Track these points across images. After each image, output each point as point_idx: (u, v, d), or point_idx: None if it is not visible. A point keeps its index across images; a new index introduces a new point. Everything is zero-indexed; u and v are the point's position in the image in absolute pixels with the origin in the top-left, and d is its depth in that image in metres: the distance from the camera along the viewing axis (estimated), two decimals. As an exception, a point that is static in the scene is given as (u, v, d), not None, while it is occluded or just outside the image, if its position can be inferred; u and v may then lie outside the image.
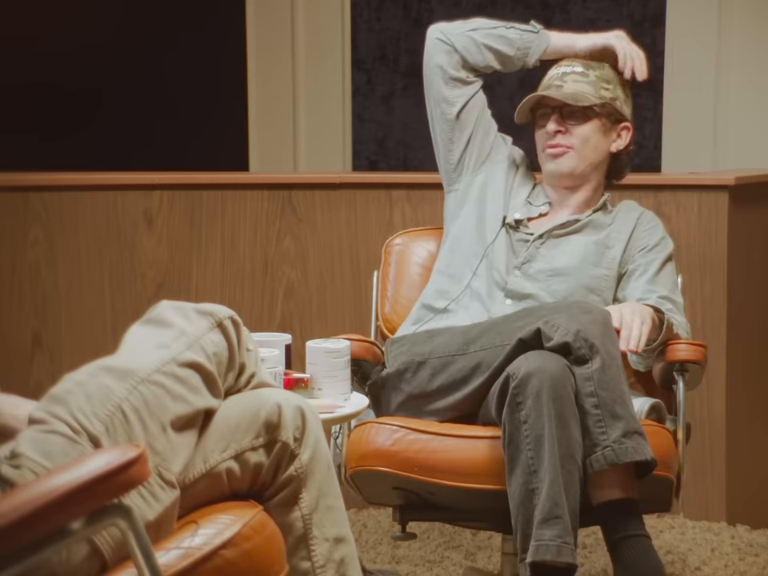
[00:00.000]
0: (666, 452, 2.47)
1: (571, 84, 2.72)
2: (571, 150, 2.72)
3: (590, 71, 2.73)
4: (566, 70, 2.75)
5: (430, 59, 2.82)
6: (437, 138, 2.85)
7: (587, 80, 2.73)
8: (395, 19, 4.95)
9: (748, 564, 3.14)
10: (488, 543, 3.28)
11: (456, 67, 2.79)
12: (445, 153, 2.84)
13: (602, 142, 2.75)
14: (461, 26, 2.81)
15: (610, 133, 2.75)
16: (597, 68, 2.74)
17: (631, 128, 2.77)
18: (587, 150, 2.73)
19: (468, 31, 2.80)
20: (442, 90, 2.80)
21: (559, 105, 2.71)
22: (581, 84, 2.72)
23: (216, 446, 1.86)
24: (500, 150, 2.85)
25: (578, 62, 2.75)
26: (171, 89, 5.03)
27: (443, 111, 2.81)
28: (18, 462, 1.64)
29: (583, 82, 2.72)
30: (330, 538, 1.91)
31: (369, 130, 5.02)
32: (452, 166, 2.84)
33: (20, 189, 3.61)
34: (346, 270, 3.63)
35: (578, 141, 2.72)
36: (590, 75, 2.73)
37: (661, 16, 4.59)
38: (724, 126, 4.49)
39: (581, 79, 2.72)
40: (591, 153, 2.74)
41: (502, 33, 2.80)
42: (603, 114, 2.73)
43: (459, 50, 2.78)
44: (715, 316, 3.46)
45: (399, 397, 2.57)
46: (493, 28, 2.80)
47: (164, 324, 1.85)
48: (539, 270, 2.71)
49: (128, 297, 3.61)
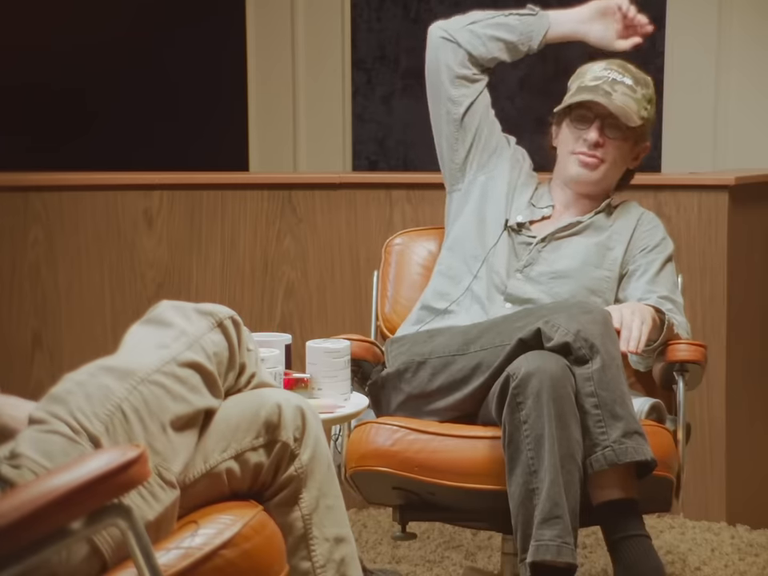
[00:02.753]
0: (666, 452, 2.47)
1: (620, 96, 2.67)
2: (604, 163, 2.72)
3: (638, 88, 2.70)
4: (616, 77, 2.70)
5: (437, 58, 2.80)
6: (441, 138, 2.84)
7: (634, 96, 2.69)
8: (395, 19, 4.95)
9: (748, 564, 3.14)
10: (488, 543, 3.28)
11: (462, 64, 2.77)
12: (450, 153, 2.83)
13: (627, 160, 2.76)
14: (460, 21, 2.80)
15: (633, 151, 2.76)
16: (644, 86, 2.72)
17: (648, 149, 2.78)
18: (616, 167, 2.74)
19: (468, 25, 2.78)
20: (447, 90, 2.79)
21: (605, 113, 2.68)
22: (629, 99, 2.68)
23: (216, 445, 1.86)
24: (503, 150, 2.84)
25: (627, 73, 2.71)
26: (171, 89, 5.03)
27: (449, 111, 2.80)
28: (17, 461, 1.64)
29: (631, 97, 2.68)
30: (330, 538, 1.91)
31: (369, 130, 5.02)
32: (457, 166, 2.83)
33: (20, 189, 3.61)
34: (346, 270, 3.63)
35: (612, 157, 2.71)
36: (637, 92, 2.70)
37: (661, 16, 4.59)
38: (724, 125, 4.49)
39: (629, 93, 2.68)
40: (618, 170, 2.76)
41: (501, 21, 2.78)
42: (638, 134, 2.72)
43: (463, 45, 2.77)
44: (715, 316, 3.46)
45: (399, 397, 2.57)
46: (492, 17, 2.79)
47: (164, 324, 1.85)
48: (541, 273, 2.71)
49: (128, 297, 3.61)
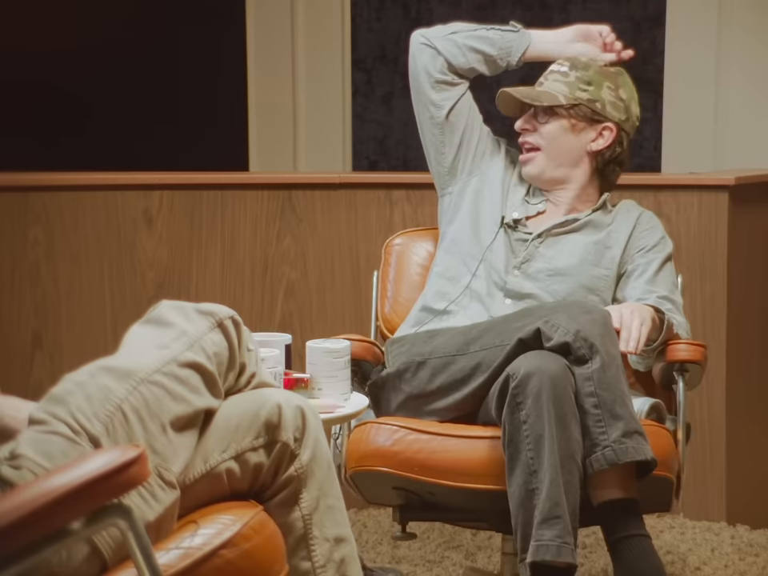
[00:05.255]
0: (666, 452, 2.47)
1: (550, 83, 2.75)
2: (540, 151, 2.75)
3: (572, 71, 2.74)
4: (554, 68, 2.78)
5: (416, 64, 2.83)
6: (426, 142, 2.85)
7: (566, 80, 2.74)
8: (395, 19, 4.95)
9: (748, 564, 3.14)
10: (488, 543, 3.28)
11: (441, 70, 2.80)
12: (436, 156, 2.84)
13: (572, 142, 2.75)
14: (442, 30, 2.84)
15: (585, 132, 2.75)
16: (581, 69, 2.75)
17: (615, 129, 2.75)
18: (555, 150, 2.75)
19: (449, 34, 2.82)
20: (428, 94, 2.81)
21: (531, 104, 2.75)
22: (558, 83, 2.74)
23: (216, 446, 1.86)
24: (495, 152, 2.85)
25: (569, 62, 2.77)
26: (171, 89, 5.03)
27: (432, 115, 2.82)
28: (18, 462, 1.64)
29: (561, 81, 2.74)
30: (331, 538, 1.90)
31: (369, 129, 5.02)
32: (445, 170, 2.84)
33: (20, 189, 3.61)
34: (346, 270, 3.63)
35: (544, 140, 2.75)
36: (569, 75, 2.74)
37: (661, 16, 4.59)
38: (724, 126, 4.49)
39: (560, 78, 2.75)
40: (561, 153, 2.75)
41: (482, 34, 2.81)
42: (574, 115, 2.73)
43: (442, 53, 2.80)
44: (715, 316, 3.46)
45: (399, 397, 2.57)
46: (474, 30, 2.83)
47: (164, 324, 1.85)
48: (539, 270, 2.71)
49: (128, 297, 3.61)
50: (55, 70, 4.81)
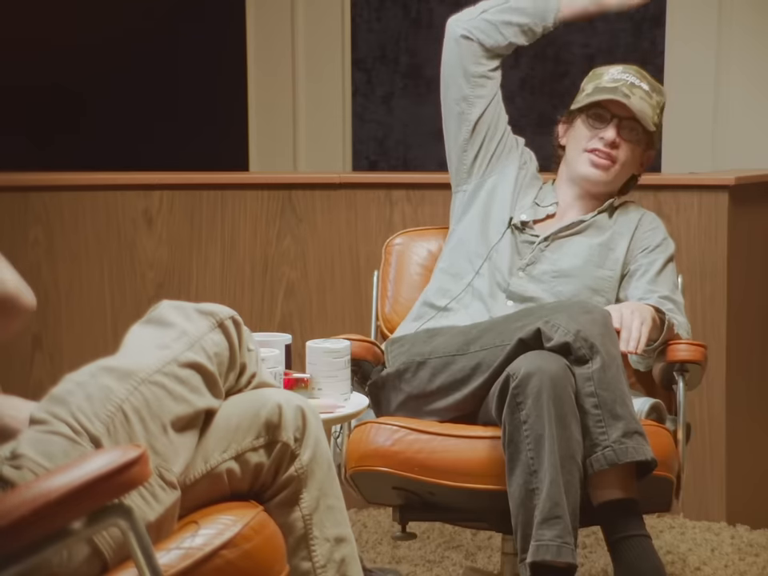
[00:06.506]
0: (666, 452, 2.47)
1: (638, 100, 2.69)
2: (616, 165, 2.72)
3: (653, 94, 2.72)
4: (634, 81, 2.71)
5: (451, 56, 2.80)
6: (451, 138, 2.84)
7: (650, 102, 2.71)
8: (395, 19, 4.95)
9: (748, 564, 3.14)
10: (488, 543, 3.28)
11: (478, 61, 2.77)
12: (459, 153, 2.83)
13: (635, 165, 2.77)
14: (473, 12, 2.80)
15: (642, 156, 2.77)
16: (658, 93, 2.73)
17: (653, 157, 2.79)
18: (625, 170, 2.75)
19: (480, 14, 2.79)
20: (463, 89, 2.79)
21: (622, 115, 2.69)
22: (645, 104, 2.69)
23: (217, 446, 1.86)
24: (512, 152, 2.84)
25: (644, 79, 2.72)
26: (171, 88, 5.03)
27: (463, 111, 2.80)
28: (18, 462, 1.64)
29: (647, 102, 2.70)
30: (331, 538, 1.91)
31: (369, 129, 5.02)
32: (465, 167, 2.83)
33: (20, 189, 3.61)
34: (346, 270, 3.63)
35: (625, 158, 2.72)
36: (653, 98, 2.71)
37: (661, 16, 4.59)
38: (724, 126, 4.49)
39: (646, 99, 2.70)
40: (626, 173, 2.77)
41: (512, 5, 2.79)
42: (648, 141, 2.74)
43: (478, 37, 2.77)
44: (715, 316, 3.46)
45: (399, 397, 2.58)
46: (503, 3, 2.79)
47: (165, 324, 1.85)
48: (543, 272, 2.71)
49: (128, 297, 3.61)
50: (55, 69, 4.80)
